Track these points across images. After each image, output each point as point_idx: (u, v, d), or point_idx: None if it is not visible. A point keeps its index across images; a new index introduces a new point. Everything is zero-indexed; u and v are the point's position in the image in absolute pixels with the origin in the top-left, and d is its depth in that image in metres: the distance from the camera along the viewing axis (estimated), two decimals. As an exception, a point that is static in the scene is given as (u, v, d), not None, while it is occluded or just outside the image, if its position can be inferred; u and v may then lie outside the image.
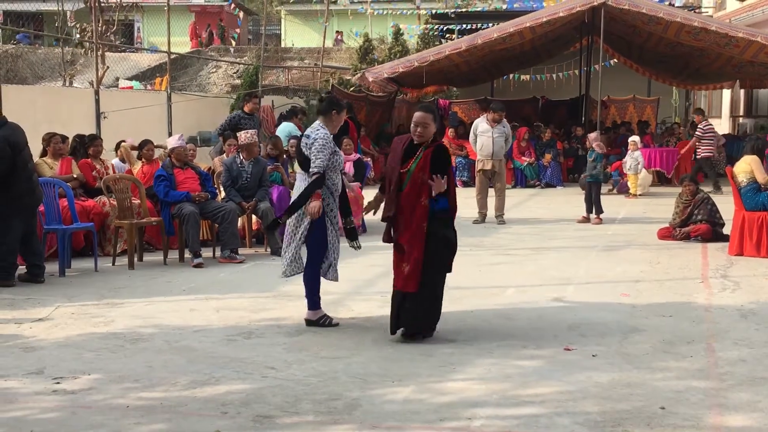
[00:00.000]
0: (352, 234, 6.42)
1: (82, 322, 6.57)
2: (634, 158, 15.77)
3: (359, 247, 6.43)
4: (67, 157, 10.09)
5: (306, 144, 6.20)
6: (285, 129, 12.75)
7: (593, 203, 12.30)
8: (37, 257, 8.25)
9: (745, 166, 9.60)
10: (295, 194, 6.38)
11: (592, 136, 12.62)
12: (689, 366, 5.32)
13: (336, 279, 6.42)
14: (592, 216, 12.31)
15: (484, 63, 21.06)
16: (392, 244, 5.94)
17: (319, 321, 6.35)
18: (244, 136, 10.02)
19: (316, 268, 6.30)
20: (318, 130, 6.25)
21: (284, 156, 11.05)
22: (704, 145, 16.80)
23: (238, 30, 38.12)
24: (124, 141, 11.61)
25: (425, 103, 6.69)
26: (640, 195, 15.88)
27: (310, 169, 6.14)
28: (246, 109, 12.68)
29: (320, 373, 5.18)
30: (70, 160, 10.07)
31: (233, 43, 37.69)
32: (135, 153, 11.15)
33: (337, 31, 31.56)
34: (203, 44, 37.13)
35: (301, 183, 6.34)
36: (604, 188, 16.59)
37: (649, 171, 16.91)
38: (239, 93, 20.52)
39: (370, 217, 11.47)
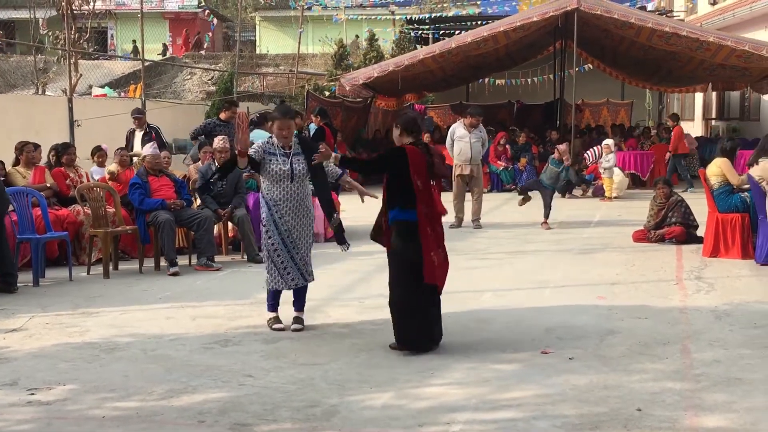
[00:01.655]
0: (339, 233, 6.58)
1: (56, 332, 6.51)
2: (608, 161, 15.88)
3: (347, 248, 6.62)
4: (40, 166, 10.01)
5: None
6: (258, 135, 12.64)
7: (547, 207, 12.29)
8: (8, 266, 8.16)
9: (716, 169, 9.70)
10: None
11: (561, 148, 12.67)
12: (665, 367, 5.35)
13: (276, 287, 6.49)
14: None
15: (459, 68, 21.12)
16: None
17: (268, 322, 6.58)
18: (217, 141, 10.06)
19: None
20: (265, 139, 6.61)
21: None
22: None
23: (210, 33, 38.10)
24: (100, 147, 11.50)
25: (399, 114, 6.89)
26: (615, 198, 15.99)
27: None
28: (222, 116, 12.60)
29: (298, 380, 5.16)
30: (44, 169, 9.98)
31: (205, 45, 37.68)
32: (114, 165, 11.04)
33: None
34: (196, 46, 37.32)
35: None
36: (578, 191, 16.73)
37: (625, 174, 17.03)
38: (214, 100, 20.46)
39: (347, 224, 11.48)
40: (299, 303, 6.62)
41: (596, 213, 14.05)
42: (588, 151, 16.32)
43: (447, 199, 13.05)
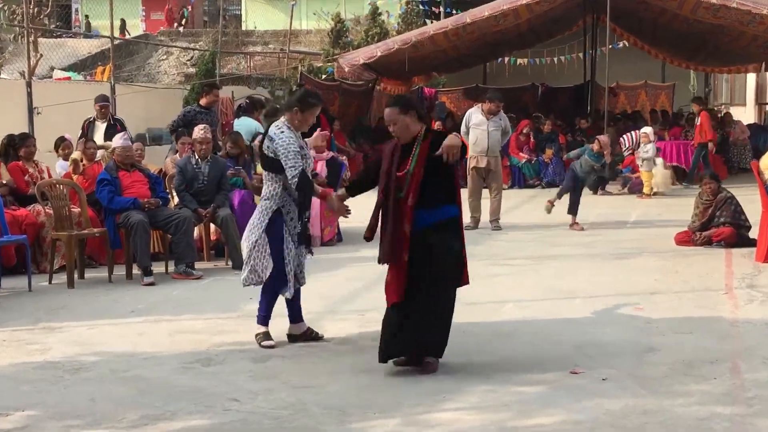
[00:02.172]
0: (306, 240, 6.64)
1: (14, 350, 6.52)
2: (646, 152, 15.86)
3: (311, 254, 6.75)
4: (-6, 160, 10.04)
5: (269, 147, 6.38)
6: (244, 124, 12.66)
7: (575, 204, 12.27)
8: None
9: (770, 162, 9.67)
10: (263, 199, 6.51)
11: (603, 139, 12.66)
12: (712, 389, 5.35)
13: (289, 295, 6.52)
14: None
15: (475, 47, 21.11)
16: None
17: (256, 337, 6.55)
18: (197, 131, 10.06)
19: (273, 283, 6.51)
20: (282, 131, 6.37)
21: (246, 155, 11.02)
22: None
23: (189, 7, 38.10)
24: (64, 138, 11.53)
25: (393, 97, 6.83)
26: (654, 194, 15.97)
27: (289, 179, 6.28)
28: (202, 102, 12.62)
29: (290, 405, 5.17)
30: (-1, 164, 10.02)
31: (184, 21, 37.68)
32: (77, 153, 11.08)
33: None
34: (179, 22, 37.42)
35: (267, 184, 6.51)
36: (613, 187, 16.71)
37: (667, 167, 17.00)
38: (194, 83, 20.49)
39: (346, 225, 11.51)
40: (299, 313, 6.67)
41: (633, 212, 14.03)
42: (624, 136, 16.28)
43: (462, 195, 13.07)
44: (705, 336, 6.59)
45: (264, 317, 6.58)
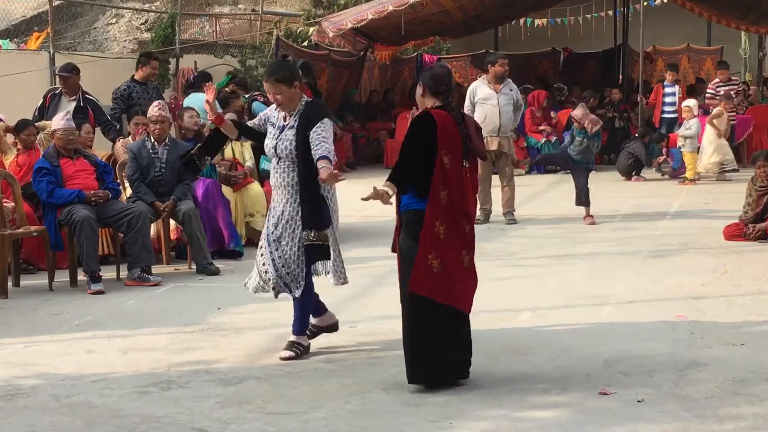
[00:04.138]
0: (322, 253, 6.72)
1: (-63, 372, 6.53)
2: (689, 128, 15.86)
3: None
4: None
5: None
6: (197, 101, 12.43)
7: (583, 192, 12.27)
8: None
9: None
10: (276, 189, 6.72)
11: (577, 113, 12.52)
12: (768, 411, 5.38)
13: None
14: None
15: (484, 7, 21.08)
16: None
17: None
18: (152, 109, 10.00)
19: None
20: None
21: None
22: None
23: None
24: None
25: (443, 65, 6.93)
26: (699, 179, 15.98)
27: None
28: (137, 76, 12.43)
29: (267, 435, 5.18)
30: None
31: None
32: (10, 137, 11.05)
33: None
34: None
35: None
36: (649, 172, 16.70)
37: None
38: (150, 51, 20.46)
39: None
40: (295, 323, 6.76)
41: (674, 201, 14.05)
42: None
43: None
44: (759, 349, 6.60)
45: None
